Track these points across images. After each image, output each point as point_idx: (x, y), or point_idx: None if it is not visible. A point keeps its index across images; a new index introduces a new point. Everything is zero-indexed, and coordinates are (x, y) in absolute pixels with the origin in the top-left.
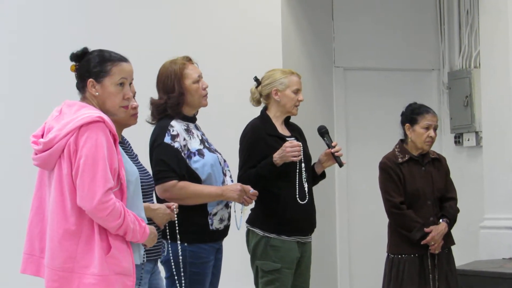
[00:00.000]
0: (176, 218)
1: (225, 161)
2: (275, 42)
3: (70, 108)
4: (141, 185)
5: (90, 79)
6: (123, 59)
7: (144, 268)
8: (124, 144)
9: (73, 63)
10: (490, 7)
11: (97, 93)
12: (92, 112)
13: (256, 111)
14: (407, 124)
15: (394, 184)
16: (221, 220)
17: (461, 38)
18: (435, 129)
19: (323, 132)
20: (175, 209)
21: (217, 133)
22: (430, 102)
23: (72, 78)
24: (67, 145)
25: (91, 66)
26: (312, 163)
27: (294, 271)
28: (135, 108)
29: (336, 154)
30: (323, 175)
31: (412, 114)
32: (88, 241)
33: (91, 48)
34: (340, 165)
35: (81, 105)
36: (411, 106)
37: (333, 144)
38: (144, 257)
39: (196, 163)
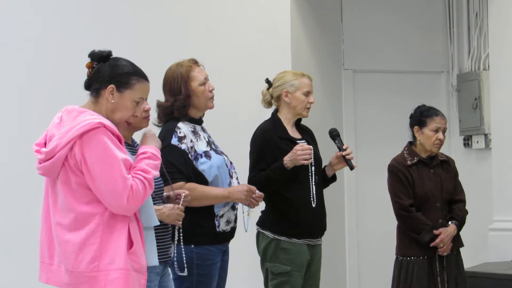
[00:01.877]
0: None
1: (231, 163)
2: (284, 44)
3: (69, 115)
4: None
5: (112, 85)
6: (146, 78)
7: (154, 270)
8: (134, 147)
9: (90, 60)
10: (499, 9)
11: (113, 101)
12: (91, 118)
13: (264, 114)
14: (416, 127)
15: (403, 186)
16: (228, 222)
17: (470, 41)
18: (444, 132)
19: (334, 135)
20: (183, 197)
21: (225, 136)
22: (439, 104)
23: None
24: (73, 155)
25: (116, 73)
26: (323, 166)
27: (304, 273)
28: (147, 111)
29: (347, 157)
30: (334, 178)
31: (421, 117)
32: (109, 240)
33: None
34: (351, 168)
35: (80, 111)
36: (420, 108)
37: (344, 147)
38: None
39: (203, 165)
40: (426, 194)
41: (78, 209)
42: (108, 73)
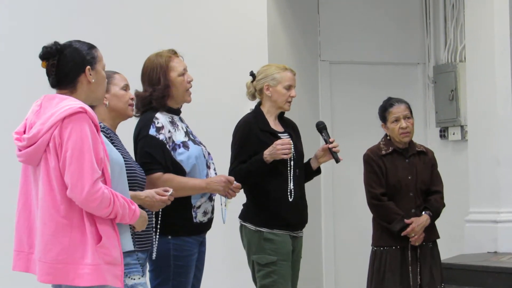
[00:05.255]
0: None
1: (209, 153)
2: (261, 35)
3: (50, 102)
4: (138, 178)
5: (88, 67)
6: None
7: (141, 260)
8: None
9: (44, 59)
10: (475, 1)
11: (93, 80)
12: (73, 104)
13: (244, 105)
14: (382, 123)
15: (375, 175)
16: (205, 213)
17: (447, 32)
18: (405, 118)
19: (321, 127)
20: (170, 192)
21: (203, 127)
22: (416, 96)
23: None
24: (52, 138)
25: (83, 54)
26: (308, 159)
27: None
28: (132, 99)
29: (333, 149)
30: (318, 171)
31: (381, 113)
32: (80, 232)
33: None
34: (337, 161)
35: (62, 98)
36: (381, 104)
37: (330, 140)
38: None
39: (180, 155)
40: (399, 182)
41: (59, 197)
42: (77, 59)
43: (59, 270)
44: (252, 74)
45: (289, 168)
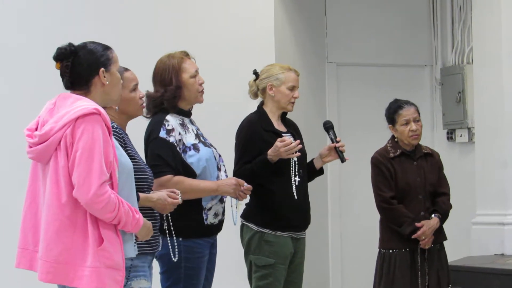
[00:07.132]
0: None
1: (220, 155)
2: (268, 37)
3: (65, 101)
4: (148, 180)
5: (102, 69)
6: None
7: (146, 261)
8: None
9: (59, 61)
10: (483, 3)
11: (107, 82)
12: (88, 104)
13: (250, 107)
14: (390, 125)
15: (384, 179)
16: (216, 215)
17: (454, 34)
18: (416, 121)
19: (328, 127)
20: (179, 196)
21: (210, 128)
22: (423, 98)
23: None
24: (64, 137)
25: (97, 56)
26: (311, 158)
27: (288, 266)
28: (142, 98)
29: (340, 149)
30: (321, 171)
31: (389, 115)
32: (82, 234)
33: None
34: (342, 160)
35: (77, 98)
36: (388, 106)
37: (337, 139)
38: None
39: (191, 158)
40: (409, 186)
41: (64, 196)
42: (92, 61)
43: (59, 270)
44: (255, 72)
45: (292, 169)
